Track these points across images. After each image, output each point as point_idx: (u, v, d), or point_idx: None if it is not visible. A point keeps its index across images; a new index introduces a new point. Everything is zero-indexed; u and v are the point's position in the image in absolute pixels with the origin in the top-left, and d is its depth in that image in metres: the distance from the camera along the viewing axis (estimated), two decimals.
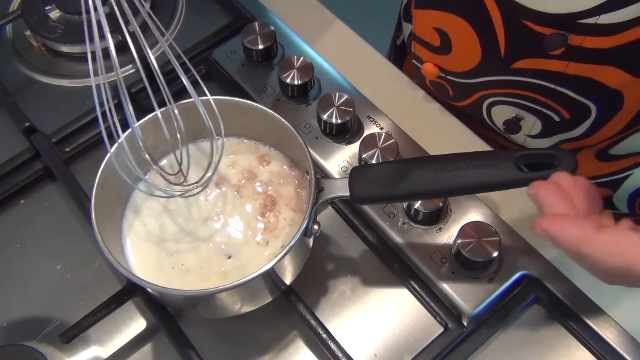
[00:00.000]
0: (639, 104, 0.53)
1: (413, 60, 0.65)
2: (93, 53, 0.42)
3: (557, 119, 0.57)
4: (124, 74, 0.68)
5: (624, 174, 0.63)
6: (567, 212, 0.38)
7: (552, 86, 0.54)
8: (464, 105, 0.64)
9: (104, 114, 0.44)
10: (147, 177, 0.51)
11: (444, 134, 0.65)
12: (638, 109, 0.53)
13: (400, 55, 0.78)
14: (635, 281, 0.37)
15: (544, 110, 0.57)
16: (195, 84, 0.48)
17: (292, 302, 0.52)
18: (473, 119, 0.65)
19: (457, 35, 0.57)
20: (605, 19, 0.46)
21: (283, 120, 0.50)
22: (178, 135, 0.48)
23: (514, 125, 0.61)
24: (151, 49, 0.45)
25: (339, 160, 0.58)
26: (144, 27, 0.44)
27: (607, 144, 0.60)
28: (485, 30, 0.54)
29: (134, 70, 0.68)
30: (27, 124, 0.62)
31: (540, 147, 0.61)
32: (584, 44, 0.48)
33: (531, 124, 0.60)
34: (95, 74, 0.43)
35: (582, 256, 0.37)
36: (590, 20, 0.46)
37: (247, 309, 0.50)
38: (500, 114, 0.61)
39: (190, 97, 0.48)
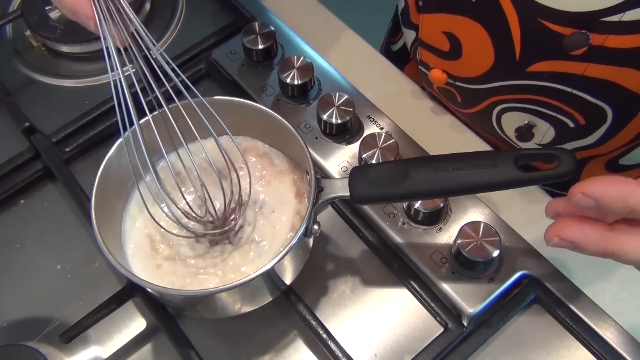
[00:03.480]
0: None
1: (420, 67, 0.64)
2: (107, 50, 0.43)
3: (571, 125, 0.55)
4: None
5: None
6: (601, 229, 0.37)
7: (569, 90, 0.52)
8: (472, 113, 0.63)
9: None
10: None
11: (444, 134, 0.65)
12: None
13: (398, 62, 0.76)
14: None
15: (559, 115, 0.55)
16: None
17: (292, 302, 0.52)
18: (480, 127, 0.64)
19: (468, 39, 0.55)
20: (631, 15, 0.44)
21: (283, 120, 0.50)
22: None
23: (526, 132, 0.59)
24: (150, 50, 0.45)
25: (339, 160, 0.58)
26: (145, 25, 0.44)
27: (618, 153, 0.59)
28: (499, 33, 0.52)
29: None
30: (27, 124, 0.62)
31: (539, 148, 0.61)
32: (605, 43, 0.47)
33: (544, 131, 0.58)
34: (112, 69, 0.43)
35: (631, 211, 0.35)
36: (614, 18, 0.45)
37: (247, 309, 0.50)
38: (512, 121, 0.60)
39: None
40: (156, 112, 0.47)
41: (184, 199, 0.48)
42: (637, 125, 0.54)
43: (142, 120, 0.47)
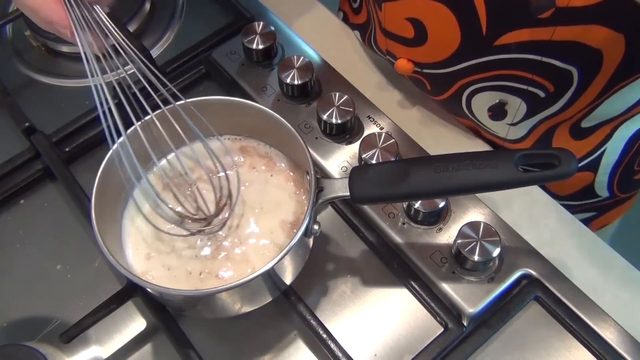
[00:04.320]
0: (615, 64, 0.52)
1: (387, 57, 0.64)
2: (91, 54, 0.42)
3: (542, 95, 0.56)
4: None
5: (599, 150, 0.63)
6: None
7: (538, 58, 0.52)
8: (442, 99, 0.63)
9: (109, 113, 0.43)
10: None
11: (444, 134, 0.65)
12: (613, 71, 0.53)
13: None
14: None
15: (529, 88, 0.56)
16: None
17: (292, 302, 0.52)
18: (454, 113, 0.64)
19: (432, 22, 0.55)
20: None
21: (283, 120, 0.50)
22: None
23: (499, 110, 0.59)
24: (151, 48, 0.45)
25: (339, 160, 0.58)
26: (142, 28, 0.43)
27: (580, 115, 0.59)
28: (464, 10, 0.52)
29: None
30: (27, 124, 0.62)
31: (539, 148, 0.61)
32: (571, 3, 0.47)
33: (516, 108, 0.58)
34: (92, 75, 0.42)
35: None
36: None
37: (247, 309, 0.50)
38: (482, 103, 0.60)
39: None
40: (142, 120, 0.47)
41: (177, 199, 0.48)
42: (599, 84, 0.54)
43: (129, 130, 0.47)
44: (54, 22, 0.41)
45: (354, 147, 0.59)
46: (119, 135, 0.45)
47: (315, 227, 0.47)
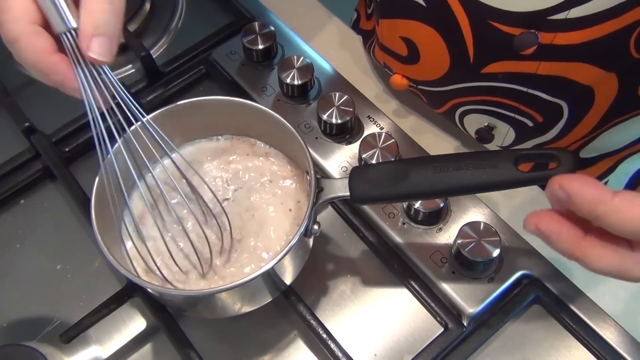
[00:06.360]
0: (609, 100, 0.52)
1: (385, 69, 0.65)
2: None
3: (530, 124, 0.56)
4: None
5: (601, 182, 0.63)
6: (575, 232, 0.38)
7: (525, 89, 0.53)
8: (439, 113, 0.63)
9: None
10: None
11: (444, 134, 0.65)
12: (608, 106, 0.53)
13: None
14: None
15: (517, 116, 0.56)
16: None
17: (292, 302, 0.52)
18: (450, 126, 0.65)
19: (424, 44, 0.56)
20: (576, 12, 0.45)
21: (283, 120, 0.50)
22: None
23: (486, 134, 0.60)
24: (151, 48, 0.45)
25: (339, 160, 0.58)
26: (142, 28, 0.44)
27: (577, 145, 0.59)
28: (453, 36, 0.52)
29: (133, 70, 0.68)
30: (27, 124, 0.62)
31: (539, 148, 0.61)
32: (555, 41, 0.48)
33: (504, 133, 0.59)
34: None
35: (596, 218, 0.35)
36: (561, 16, 0.46)
37: (247, 309, 0.50)
38: (473, 123, 0.60)
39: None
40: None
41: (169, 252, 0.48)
42: (593, 117, 0.54)
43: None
44: (67, 86, 0.42)
45: (354, 147, 0.59)
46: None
47: (315, 227, 0.47)
